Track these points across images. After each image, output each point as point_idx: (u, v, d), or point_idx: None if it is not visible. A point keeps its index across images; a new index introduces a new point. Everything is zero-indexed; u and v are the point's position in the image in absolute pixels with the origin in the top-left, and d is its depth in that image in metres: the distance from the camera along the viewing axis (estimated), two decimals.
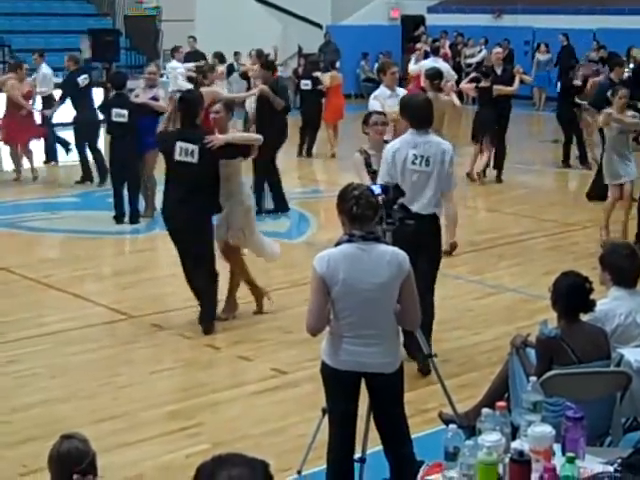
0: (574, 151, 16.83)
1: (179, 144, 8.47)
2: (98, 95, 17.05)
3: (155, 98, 12.39)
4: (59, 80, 16.73)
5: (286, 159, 17.26)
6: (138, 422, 6.77)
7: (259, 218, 10.63)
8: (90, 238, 12.09)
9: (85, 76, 15.51)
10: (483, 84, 15.28)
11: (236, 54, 26.02)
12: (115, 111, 12.43)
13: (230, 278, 9.07)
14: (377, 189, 5.82)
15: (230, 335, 8.64)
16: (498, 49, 18.05)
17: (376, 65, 22.70)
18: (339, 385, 5.19)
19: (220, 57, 20.01)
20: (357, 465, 5.44)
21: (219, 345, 8.36)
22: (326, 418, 5.34)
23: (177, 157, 8.49)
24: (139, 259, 11.41)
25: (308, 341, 5.56)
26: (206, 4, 26.50)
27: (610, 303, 5.93)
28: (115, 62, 22.03)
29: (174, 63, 19.51)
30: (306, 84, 18.82)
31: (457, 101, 11.70)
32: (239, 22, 25.77)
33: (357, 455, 5.44)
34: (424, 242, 7.26)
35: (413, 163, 7.47)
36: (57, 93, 16.21)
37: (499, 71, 15.86)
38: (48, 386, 7.48)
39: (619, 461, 4.23)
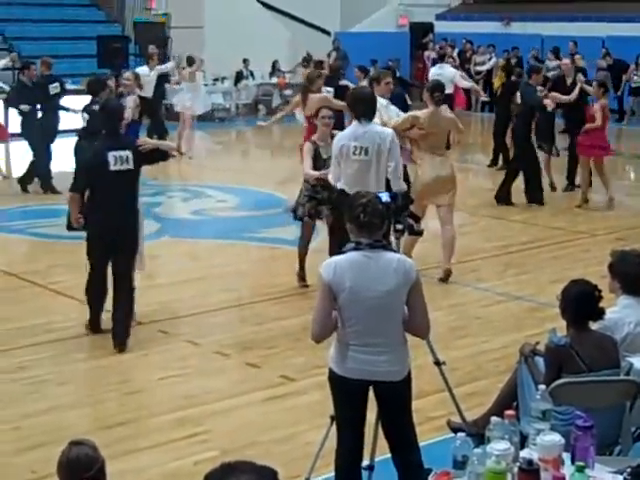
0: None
1: (112, 154, 8.25)
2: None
3: None
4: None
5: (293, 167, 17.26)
6: (146, 429, 6.77)
7: None
8: None
9: (56, 84, 15.71)
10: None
11: (245, 61, 26.08)
12: (84, 116, 12.55)
13: None
14: (385, 197, 5.82)
15: (238, 342, 8.64)
16: (566, 60, 17.52)
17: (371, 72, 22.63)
18: (346, 393, 5.18)
19: (189, 60, 19.83)
20: (365, 473, 5.44)
21: (227, 352, 8.36)
22: (334, 425, 5.33)
23: (112, 167, 8.24)
24: (148, 265, 11.41)
25: (316, 348, 5.55)
26: (215, 11, 26.55)
27: (620, 311, 5.91)
28: (124, 69, 22.06)
29: (144, 69, 18.87)
30: (328, 91, 18.14)
31: (460, 125, 11.38)
32: (248, 29, 25.80)
33: (365, 463, 5.44)
34: None
35: (354, 154, 8.37)
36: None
37: (569, 81, 15.45)
38: (57, 392, 7.49)
39: (629, 470, 4.22)
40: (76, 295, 9.77)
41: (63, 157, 14.76)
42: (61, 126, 15.68)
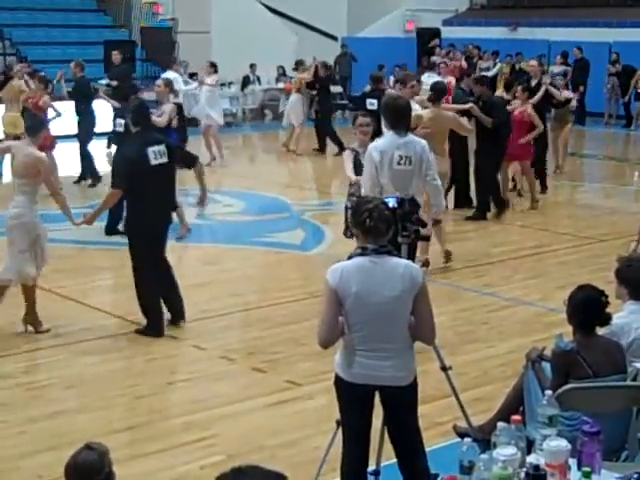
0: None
1: (150, 149, 8.62)
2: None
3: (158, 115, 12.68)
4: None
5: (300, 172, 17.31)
6: (153, 433, 6.78)
7: None
8: (105, 249, 12.12)
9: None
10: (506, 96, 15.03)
11: (252, 66, 26.12)
12: (117, 121, 12.84)
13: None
14: (392, 202, 5.84)
15: (244, 347, 8.65)
16: (533, 62, 17.71)
17: (392, 76, 22.54)
18: (353, 398, 5.18)
19: (213, 66, 19.47)
20: (371, 478, 5.43)
21: (234, 357, 8.37)
22: (340, 431, 5.33)
23: (153, 162, 8.62)
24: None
25: (323, 353, 5.55)
26: (222, 16, 26.59)
27: (626, 317, 5.90)
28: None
29: (170, 74, 18.40)
30: (372, 103, 16.76)
31: (463, 123, 11.39)
32: (255, 33, 25.85)
33: (371, 468, 5.44)
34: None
35: (398, 164, 8.19)
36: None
37: (534, 82, 15.62)
38: (63, 397, 7.51)
39: (635, 476, 4.22)
40: (82, 299, 9.82)
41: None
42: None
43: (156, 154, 8.64)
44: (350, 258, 5.10)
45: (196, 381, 7.87)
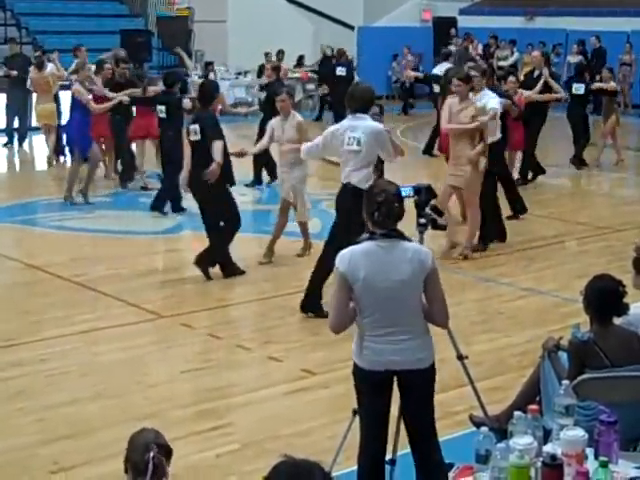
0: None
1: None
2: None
3: None
4: None
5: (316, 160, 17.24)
6: (169, 421, 6.77)
7: None
8: (122, 238, 12.14)
9: None
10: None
11: (267, 55, 26.08)
12: (159, 107, 13.19)
13: None
14: (409, 191, 5.81)
15: (260, 336, 8.66)
16: (536, 52, 17.58)
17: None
18: (370, 386, 5.17)
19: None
20: (388, 467, 5.42)
21: (249, 346, 8.37)
22: (357, 419, 5.32)
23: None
24: (170, 259, 11.47)
25: (338, 342, 5.56)
26: (238, 5, 26.59)
27: None
28: (147, 62, 22.14)
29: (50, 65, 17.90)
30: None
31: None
32: (271, 23, 25.82)
33: (388, 457, 5.43)
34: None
35: (348, 144, 8.50)
36: None
37: (536, 73, 15.53)
38: (79, 385, 7.52)
39: None
40: (99, 288, 9.84)
41: None
42: None
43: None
44: (359, 243, 5.09)
45: (212, 370, 7.88)
